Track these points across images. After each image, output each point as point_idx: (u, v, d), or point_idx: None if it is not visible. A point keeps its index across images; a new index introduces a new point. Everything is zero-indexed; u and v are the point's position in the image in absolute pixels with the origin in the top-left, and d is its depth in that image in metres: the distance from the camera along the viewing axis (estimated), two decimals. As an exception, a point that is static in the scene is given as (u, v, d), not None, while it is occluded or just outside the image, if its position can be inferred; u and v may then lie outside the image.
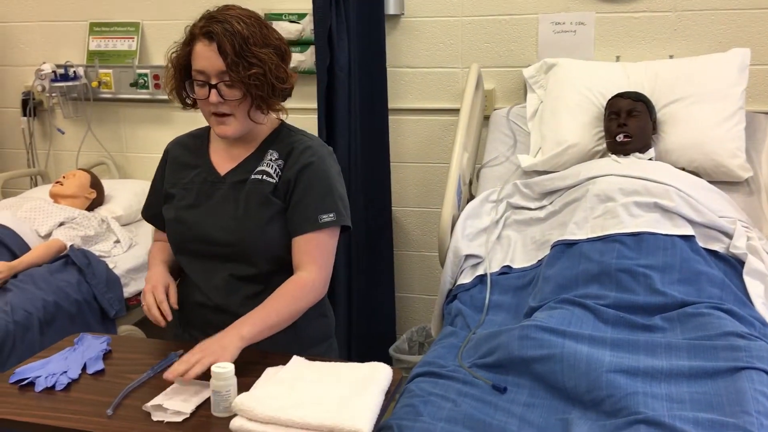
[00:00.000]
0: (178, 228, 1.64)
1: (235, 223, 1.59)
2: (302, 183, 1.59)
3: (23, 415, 1.35)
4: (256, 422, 1.26)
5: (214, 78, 1.52)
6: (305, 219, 1.58)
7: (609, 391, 1.44)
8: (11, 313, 2.15)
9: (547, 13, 2.73)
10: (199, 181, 1.65)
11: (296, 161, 1.60)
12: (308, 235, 1.58)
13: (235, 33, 1.50)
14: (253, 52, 1.51)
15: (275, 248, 1.60)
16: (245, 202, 1.60)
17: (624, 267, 1.81)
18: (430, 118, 2.95)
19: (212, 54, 1.50)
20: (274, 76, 1.54)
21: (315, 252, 1.58)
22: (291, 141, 1.65)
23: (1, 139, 3.45)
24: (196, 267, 1.64)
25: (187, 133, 1.76)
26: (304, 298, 1.57)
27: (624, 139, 2.25)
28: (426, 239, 3.05)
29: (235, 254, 1.59)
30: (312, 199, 1.58)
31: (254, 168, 1.62)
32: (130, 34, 3.17)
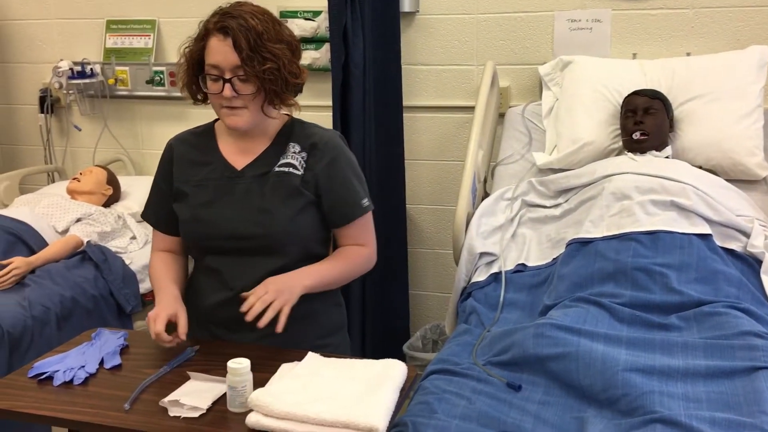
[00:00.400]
0: (199, 227, 1.64)
1: (263, 216, 1.60)
2: (338, 175, 1.65)
3: (42, 408, 1.37)
4: (272, 418, 1.27)
5: (228, 72, 1.53)
6: (352, 207, 1.67)
7: (625, 389, 1.43)
8: (29, 308, 2.17)
9: (563, 10, 2.71)
10: (215, 178, 1.65)
11: (323, 154, 1.65)
12: (356, 221, 1.68)
13: (250, 28, 1.51)
14: (267, 47, 1.52)
15: (305, 238, 1.64)
16: (272, 194, 1.61)
17: (640, 265, 1.80)
18: (444, 115, 2.95)
19: (227, 49, 1.51)
20: (287, 71, 1.56)
21: (364, 233, 1.71)
22: (310, 133, 1.67)
23: (18, 136, 3.49)
24: (224, 263, 1.63)
25: (187, 131, 1.76)
26: (361, 266, 1.71)
27: (640, 137, 2.24)
28: (440, 237, 3.05)
29: (265, 247, 1.60)
30: (351, 188, 1.67)
31: (275, 161, 1.64)
32: (146, 31, 3.19)
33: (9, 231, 2.44)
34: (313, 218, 1.65)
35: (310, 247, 1.66)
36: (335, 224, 1.69)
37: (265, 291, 1.50)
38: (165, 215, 1.71)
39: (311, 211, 1.64)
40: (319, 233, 1.68)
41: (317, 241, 1.68)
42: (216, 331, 1.67)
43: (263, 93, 1.56)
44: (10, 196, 3.05)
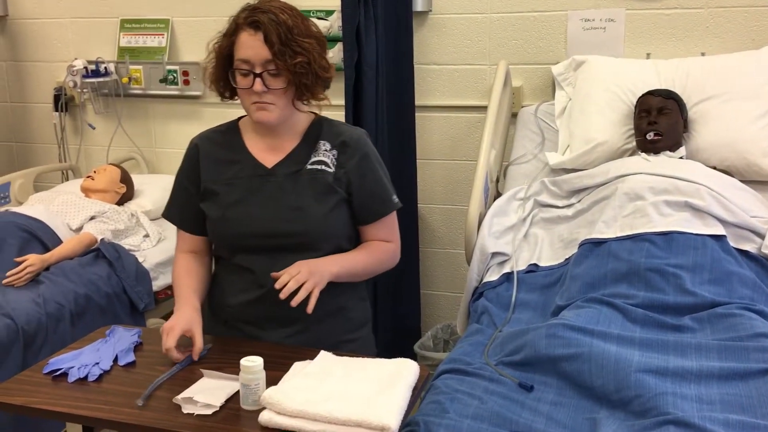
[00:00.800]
0: (230, 225, 1.63)
1: (297, 213, 1.61)
2: (369, 173, 1.68)
3: (57, 404, 1.38)
4: (285, 416, 1.27)
5: (259, 67, 1.53)
6: (382, 203, 1.70)
7: (638, 391, 1.43)
8: (44, 305, 2.19)
9: (576, 9, 2.71)
10: (245, 176, 1.65)
11: (354, 152, 1.67)
12: (385, 218, 1.71)
13: (281, 22, 1.52)
14: (297, 41, 1.53)
15: (336, 236, 1.65)
16: (305, 191, 1.62)
17: (653, 266, 1.79)
18: (456, 115, 2.94)
19: (258, 43, 1.52)
20: (317, 65, 1.57)
21: (391, 230, 1.74)
22: (339, 132, 1.69)
23: (33, 134, 3.51)
24: (255, 262, 1.62)
25: (211, 129, 1.76)
26: (387, 261, 1.74)
27: (654, 137, 2.23)
28: (452, 236, 3.05)
29: (299, 244, 1.61)
30: (381, 185, 1.70)
31: (305, 159, 1.65)
32: (160, 30, 3.21)
33: (24, 228, 2.46)
34: (344, 215, 1.67)
35: (340, 245, 1.67)
36: (364, 221, 1.70)
37: (297, 271, 1.51)
38: (190, 215, 1.70)
39: (342, 209, 1.66)
40: (349, 230, 1.69)
41: (346, 238, 1.69)
42: (247, 329, 1.66)
43: (294, 87, 1.57)
44: (24, 194, 3.07)
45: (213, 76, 1.64)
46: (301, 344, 1.58)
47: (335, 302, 1.66)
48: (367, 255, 1.69)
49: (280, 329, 1.62)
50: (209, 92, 3.17)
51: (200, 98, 3.21)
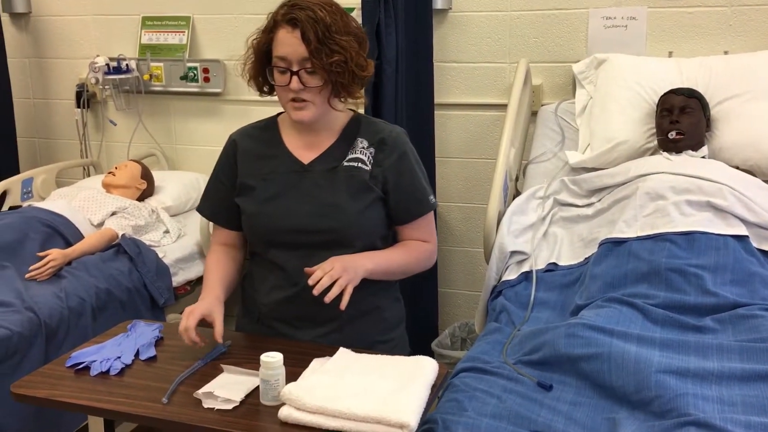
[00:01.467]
0: (265, 220, 1.63)
1: (332, 210, 1.60)
2: (407, 172, 1.67)
3: (79, 397, 1.40)
4: (304, 412, 1.28)
5: (296, 65, 1.53)
6: (419, 203, 1.69)
7: (658, 391, 1.42)
8: (65, 299, 2.21)
9: (598, 7, 2.69)
10: (282, 171, 1.65)
11: (392, 150, 1.66)
12: (423, 217, 1.70)
13: (318, 20, 1.51)
14: (335, 39, 1.52)
15: (370, 234, 1.65)
16: (341, 188, 1.62)
17: (674, 266, 1.78)
18: (476, 113, 2.94)
19: (295, 41, 1.51)
20: (354, 64, 1.55)
21: (428, 229, 1.73)
22: (377, 129, 1.68)
23: (56, 130, 3.55)
24: (288, 259, 1.62)
25: (250, 125, 1.76)
26: (423, 261, 1.72)
27: (676, 137, 2.21)
28: (470, 235, 3.04)
29: (332, 241, 1.60)
30: (419, 184, 1.69)
31: (342, 156, 1.64)
32: (181, 28, 3.23)
33: (47, 223, 2.49)
34: (379, 214, 1.66)
35: (373, 243, 1.66)
36: (401, 220, 1.69)
37: (331, 267, 1.49)
38: (224, 209, 1.71)
39: (378, 207, 1.65)
40: (383, 229, 1.69)
41: (380, 237, 1.68)
42: (279, 327, 1.66)
43: (330, 86, 1.56)
44: (47, 189, 3.11)
45: (251, 72, 1.63)
46: (335, 344, 1.52)
47: (369, 302, 1.66)
48: (403, 253, 1.68)
49: (313, 328, 1.62)
50: (229, 89, 3.24)
51: (220, 95, 3.23)
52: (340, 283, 1.48)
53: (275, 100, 1.71)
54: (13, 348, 2.00)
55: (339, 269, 1.49)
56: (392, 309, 1.75)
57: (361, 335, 1.63)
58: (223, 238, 1.74)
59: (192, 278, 2.71)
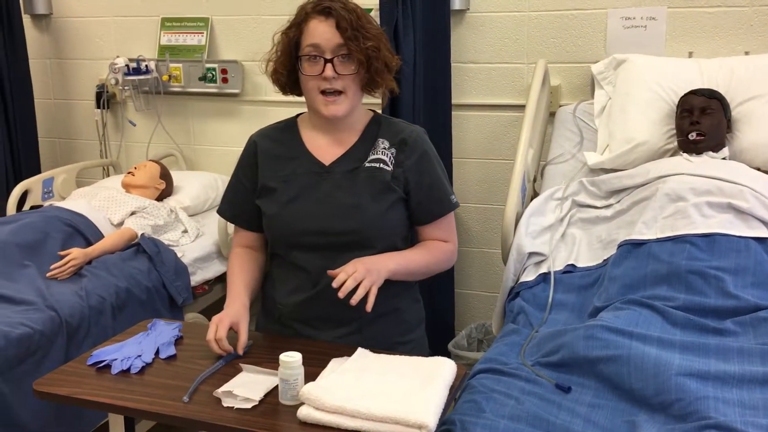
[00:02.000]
0: (286, 222, 1.63)
1: (354, 211, 1.60)
2: (427, 172, 1.67)
3: (100, 395, 1.41)
4: (323, 411, 1.28)
5: (329, 53, 1.55)
6: (440, 203, 1.69)
7: (678, 394, 1.41)
8: (86, 298, 2.23)
9: (617, 8, 2.67)
10: (302, 173, 1.65)
11: (413, 150, 1.66)
12: (443, 218, 1.70)
13: (351, 10, 1.56)
14: (366, 28, 1.56)
15: (392, 234, 1.65)
16: (362, 189, 1.62)
17: (695, 269, 1.76)
18: (493, 114, 2.93)
19: (329, 29, 1.54)
20: (387, 49, 1.59)
21: (449, 230, 1.73)
22: (398, 129, 1.68)
23: (76, 131, 3.59)
24: (310, 260, 1.62)
25: (270, 126, 1.76)
26: (444, 262, 1.72)
27: (697, 138, 2.19)
28: (487, 236, 3.04)
29: (355, 242, 1.60)
30: (440, 184, 1.69)
31: (363, 156, 1.64)
32: (199, 29, 3.25)
33: (67, 223, 2.51)
34: (401, 215, 1.66)
35: (395, 244, 1.66)
36: (422, 221, 1.69)
37: (354, 269, 1.49)
38: (245, 211, 1.71)
39: (399, 207, 1.65)
40: (404, 230, 1.69)
41: (402, 238, 1.68)
42: (300, 328, 1.67)
43: (362, 73, 1.58)
44: (67, 189, 3.14)
45: (276, 66, 1.63)
46: (355, 345, 1.52)
47: (390, 303, 1.66)
48: (424, 253, 1.68)
49: (333, 329, 1.63)
50: (247, 90, 3.26)
51: (238, 96, 3.25)
52: (365, 284, 1.47)
53: (293, 101, 1.71)
54: (34, 346, 2.02)
55: (362, 271, 1.48)
56: (412, 310, 1.75)
57: (380, 336, 1.63)
58: (245, 240, 1.74)
59: (210, 278, 2.72)
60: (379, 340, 1.61)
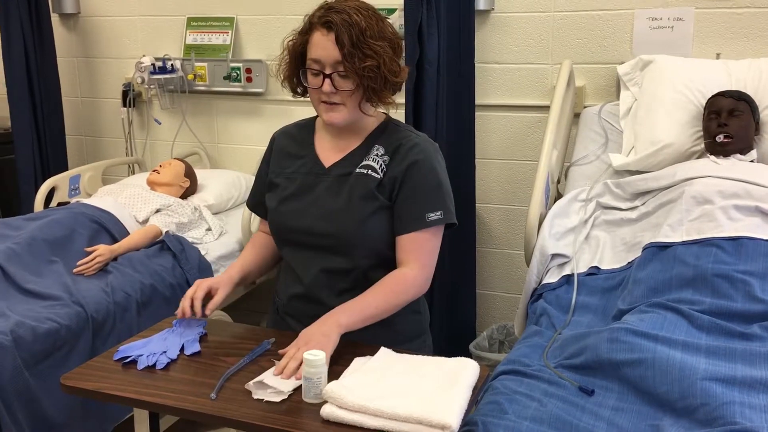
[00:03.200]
0: (280, 218, 1.68)
1: (335, 215, 1.61)
2: (410, 181, 1.59)
3: (126, 390, 1.42)
4: (346, 410, 1.29)
5: (329, 68, 1.54)
6: (413, 217, 1.59)
7: (704, 399, 1.40)
8: (112, 294, 2.26)
9: (643, 8, 2.65)
10: (304, 172, 1.68)
11: (404, 158, 1.60)
12: (414, 234, 1.59)
13: (353, 24, 1.51)
14: (369, 44, 1.52)
15: (374, 243, 1.60)
16: (348, 195, 1.62)
17: (721, 272, 1.75)
18: (517, 114, 2.92)
19: (329, 44, 1.52)
20: (387, 69, 1.54)
21: (419, 250, 1.59)
22: (398, 137, 1.64)
23: (102, 129, 3.63)
24: (296, 257, 1.67)
25: (294, 123, 1.79)
26: (404, 294, 1.59)
27: (724, 140, 2.17)
28: (509, 237, 3.03)
29: (332, 246, 1.61)
30: (420, 197, 1.59)
31: (359, 161, 1.64)
32: (224, 28, 3.27)
33: (94, 219, 2.54)
34: (384, 223, 1.61)
35: (379, 251, 1.62)
36: (396, 231, 1.61)
37: (296, 349, 1.45)
38: (262, 203, 1.77)
39: (383, 216, 1.61)
40: (390, 237, 1.63)
41: (388, 245, 1.63)
42: (291, 323, 1.71)
43: (361, 90, 1.55)
44: (93, 186, 3.18)
45: (286, 72, 1.65)
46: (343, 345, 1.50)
47: None
48: (378, 294, 1.56)
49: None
50: (271, 89, 3.27)
51: (262, 95, 3.27)
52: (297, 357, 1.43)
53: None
54: (61, 341, 2.05)
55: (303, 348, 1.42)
56: (407, 323, 1.69)
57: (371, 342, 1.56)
58: (265, 227, 1.81)
59: (233, 275, 2.74)
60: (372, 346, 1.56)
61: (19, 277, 2.21)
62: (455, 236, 2.77)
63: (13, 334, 1.94)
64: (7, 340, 1.92)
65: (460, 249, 2.83)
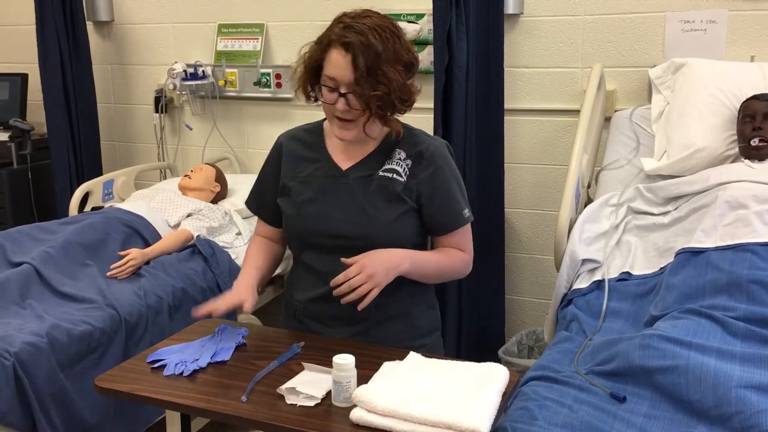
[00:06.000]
0: (302, 223, 1.69)
1: (364, 218, 1.64)
2: (442, 185, 1.67)
3: (159, 392, 1.44)
4: (375, 414, 1.29)
5: (344, 87, 1.56)
6: (451, 218, 1.70)
7: (738, 407, 1.37)
8: (144, 297, 2.30)
9: (675, 11, 2.62)
10: (321, 176, 1.70)
11: (429, 164, 1.67)
12: (457, 231, 1.71)
13: (370, 46, 1.52)
14: (383, 70, 1.54)
15: (401, 244, 1.64)
16: (373, 198, 1.65)
17: (756, 278, 1.71)
18: (546, 119, 2.90)
19: (346, 64, 1.54)
20: (396, 96, 1.57)
21: (463, 242, 1.73)
22: (417, 142, 1.69)
23: (135, 134, 3.69)
24: (321, 260, 1.68)
25: (298, 127, 1.81)
26: (459, 269, 1.74)
27: (759, 144, 2.13)
28: (538, 242, 3.01)
29: (362, 248, 1.62)
30: (453, 199, 1.69)
31: (379, 165, 1.67)
32: (255, 34, 3.31)
33: (127, 224, 2.59)
34: (412, 224, 1.68)
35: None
36: (436, 232, 1.72)
37: (357, 272, 1.53)
38: (266, 205, 1.79)
39: (410, 218, 1.67)
40: (416, 239, 1.70)
41: (413, 245, 1.68)
42: (312, 325, 1.72)
43: (368, 113, 1.58)
44: (126, 191, 3.23)
45: (301, 82, 1.67)
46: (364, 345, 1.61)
47: (398, 307, 1.69)
48: (442, 258, 1.70)
49: (344, 328, 1.68)
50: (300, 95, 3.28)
51: (291, 100, 3.29)
52: (360, 291, 1.52)
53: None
54: (95, 343, 2.09)
55: (363, 277, 1.52)
56: (424, 316, 1.76)
57: (389, 339, 1.67)
58: (264, 231, 1.83)
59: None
60: (389, 343, 1.64)
61: (54, 281, 2.26)
62: (484, 241, 2.77)
63: (48, 337, 1.98)
64: (43, 342, 1.96)
65: (489, 254, 2.82)
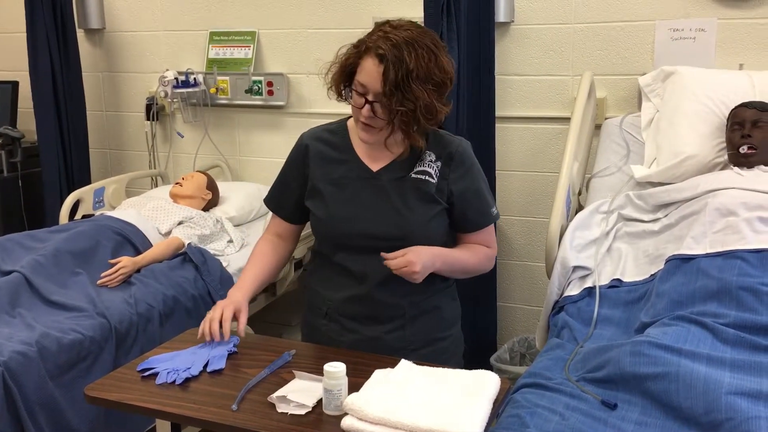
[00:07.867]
0: (337, 224, 1.71)
1: (399, 219, 1.68)
2: (472, 185, 1.74)
3: (149, 401, 1.44)
4: (366, 422, 1.29)
5: (372, 95, 1.58)
6: (481, 216, 1.78)
7: (728, 414, 1.37)
8: (135, 305, 2.28)
9: (665, 19, 2.64)
10: (354, 177, 1.72)
11: (458, 166, 1.73)
12: (484, 228, 1.79)
13: (403, 61, 1.53)
14: (411, 87, 1.55)
15: (434, 242, 1.70)
16: (408, 199, 1.69)
17: (746, 285, 1.72)
18: (537, 126, 2.92)
19: (377, 75, 1.56)
20: (422, 113, 1.58)
21: (489, 239, 1.82)
22: (444, 143, 1.74)
23: (126, 142, 3.68)
24: (356, 261, 1.71)
25: (321, 127, 1.81)
26: (484, 264, 1.81)
27: (748, 151, 2.15)
28: (530, 249, 3.01)
29: (398, 248, 1.64)
30: (483, 199, 1.77)
31: (410, 167, 1.71)
32: (246, 42, 3.31)
33: (118, 232, 2.57)
34: (444, 224, 1.74)
35: None
36: (465, 230, 1.78)
37: (407, 263, 1.59)
38: (288, 205, 1.80)
39: (443, 218, 1.73)
40: (445, 238, 1.76)
41: (442, 244, 1.74)
42: (346, 323, 1.75)
43: (391, 127, 1.60)
44: (117, 199, 3.22)
45: (334, 80, 1.68)
46: (398, 340, 1.72)
47: (430, 302, 1.76)
48: (468, 255, 1.77)
49: (378, 325, 1.73)
50: (292, 102, 3.30)
51: (283, 108, 3.29)
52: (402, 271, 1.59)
53: (336, 113, 1.74)
54: (85, 352, 2.08)
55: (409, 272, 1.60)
56: (450, 308, 1.84)
57: (422, 333, 1.74)
58: (278, 229, 1.85)
59: (254, 287, 2.75)
60: (420, 337, 1.72)
61: (44, 289, 2.24)
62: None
63: (38, 345, 1.97)
64: (33, 350, 1.94)
65: (481, 261, 2.82)
